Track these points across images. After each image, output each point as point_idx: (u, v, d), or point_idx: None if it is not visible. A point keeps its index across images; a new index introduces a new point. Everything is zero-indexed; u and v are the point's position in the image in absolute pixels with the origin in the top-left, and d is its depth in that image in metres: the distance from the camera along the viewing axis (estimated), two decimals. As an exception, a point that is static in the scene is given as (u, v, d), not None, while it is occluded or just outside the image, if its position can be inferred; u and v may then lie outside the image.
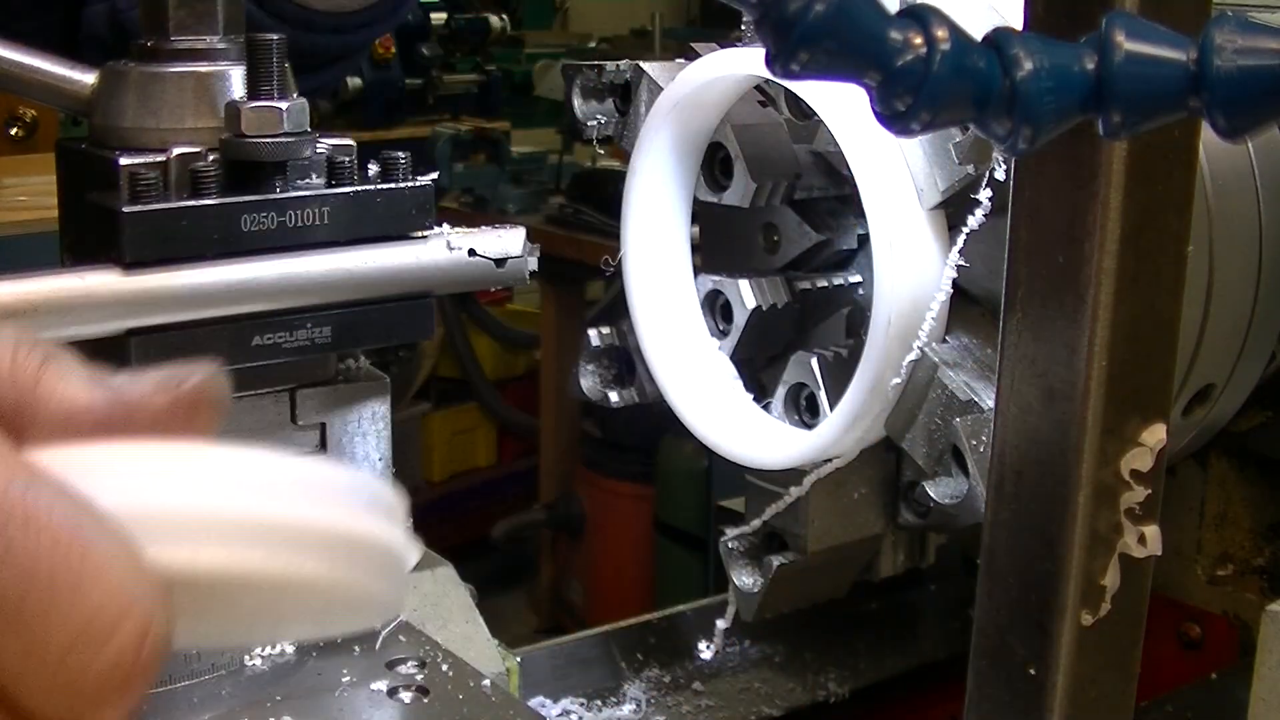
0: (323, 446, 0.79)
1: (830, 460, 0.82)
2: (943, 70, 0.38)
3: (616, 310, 0.92)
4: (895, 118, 0.40)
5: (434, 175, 0.79)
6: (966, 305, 0.78)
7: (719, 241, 0.92)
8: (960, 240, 0.74)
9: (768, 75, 0.70)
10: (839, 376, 0.82)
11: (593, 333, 0.92)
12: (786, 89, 0.86)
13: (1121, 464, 0.53)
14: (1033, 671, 0.55)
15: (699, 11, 5.12)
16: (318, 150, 0.76)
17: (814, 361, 0.84)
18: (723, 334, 0.89)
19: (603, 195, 2.97)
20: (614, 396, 0.91)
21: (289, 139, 0.73)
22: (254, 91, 0.73)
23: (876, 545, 0.89)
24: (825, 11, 0.37)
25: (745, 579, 0.87)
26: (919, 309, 0.76)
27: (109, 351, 0.69)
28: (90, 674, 0.32)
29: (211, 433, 0.40)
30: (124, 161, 0.74)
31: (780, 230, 0.89)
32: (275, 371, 0.76)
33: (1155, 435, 0.54)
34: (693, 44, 0.86)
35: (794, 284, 0.87)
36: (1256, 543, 1.04)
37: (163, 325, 0.70)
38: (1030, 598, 0.55)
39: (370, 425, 0.80)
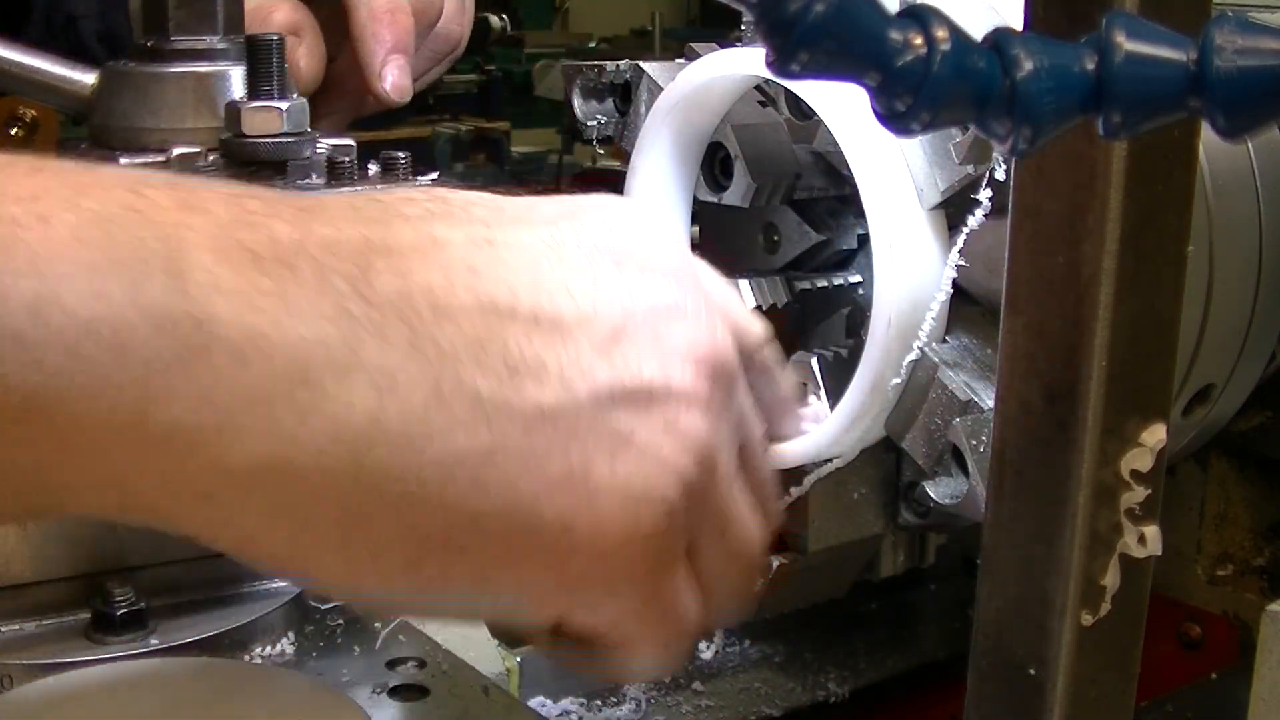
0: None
1: (830, 460, 0.82)
2: (943, 70, 0.38)
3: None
4: (895, 118, 0.40)
5: (434, 175, 0.79)
6: (966, 305, 0.78)
7: (719, 241, 0.92)
8: (960, 240, 0.74)
9: (768, 75, 0.70)
10: (839, 376, 0.82)
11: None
12: (786, 89, 0.86)
13: (1121, 464, 0.53)
14: (1033, 671, 0.55)
15: (699, 11, 5.12)
16: (318, 150, 0.76)
17: (814, 361, 0.84)
18: (723, 334, 0.89)
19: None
20: (614, 396, 0.91)
21: (289, 139, 0.73)
22: (254, 91, 0.73)
23: (876, 545, 0.89)
24: (825, 11, 0.37)
25: (745, 579, 0.87)
26: (919, 309, 0.76)
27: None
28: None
29: None
30: (124, 161, 0.74)
31: (780, 230, 0.89)
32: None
33: (1155, 435, 0.54)
34: (693, 44, 0.86)
35: (794, 284, 0.87)
36: (1256, 543, 1.04)
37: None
38: (1030, 598, 0.55)
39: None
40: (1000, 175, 0.71)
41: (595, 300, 0.49)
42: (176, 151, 0.74)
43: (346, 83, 1.04)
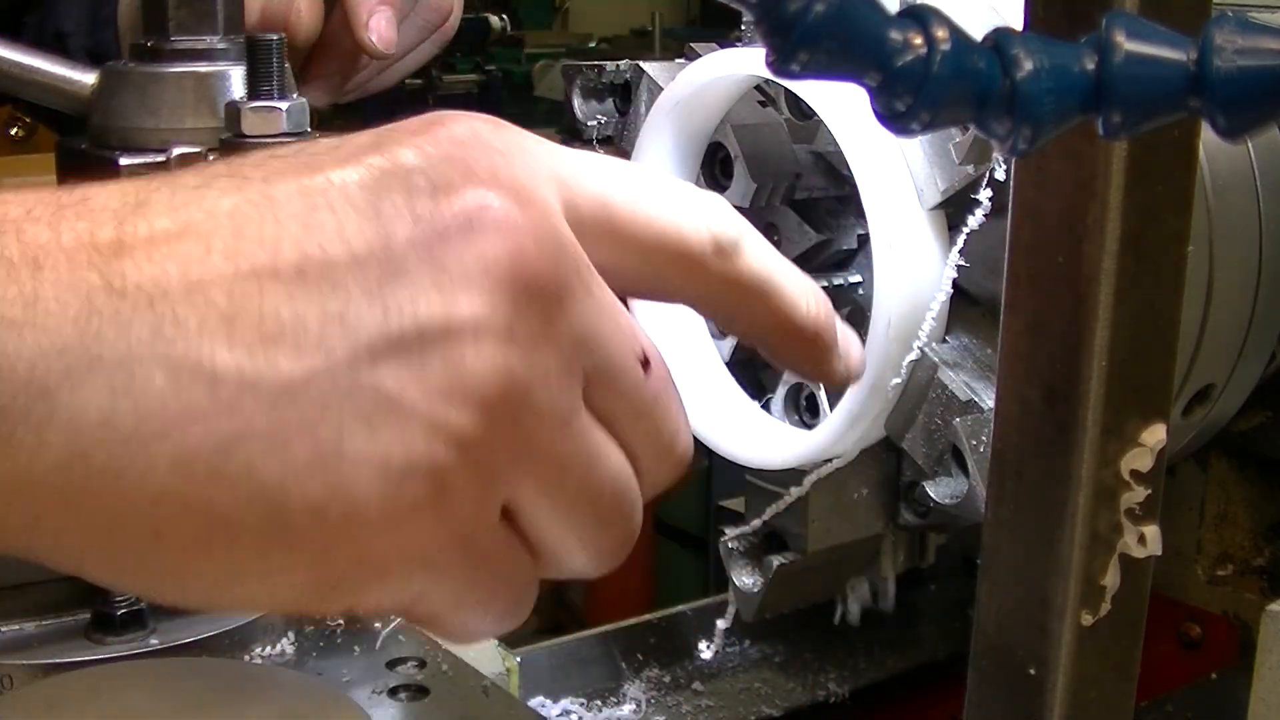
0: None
1: (830, 460, 0.82)
2: (943, 70, 0.38)
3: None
4: (895, 118, 0.40)
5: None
6: (966, 305, 0.78)
7: (719, 241, 0.92)
8: (960, 240, 0.74)
9: (768, 75, 0.70)
10: (839, 376, 0.82)
11: (593, 333, 0.91)
12: (786, 89, 0.86)
13: (1121, 464, 0.53)
14: (1033, 671, 0.55)
15: (699, 11, 5.12)
16: (317, 150, 0.76)
17: (814, 361, 0.84)
18: (723, 334, 0.89)
19: (603, 195, 2.96)
20: (614, 396, 0.91)
21: (289, 139, 0.73)
22: (254, 91, 0.73)
23: (876, 545, 0.89)
24: (825, 11, 0.37)
25: (745, 579, 0.87)
26: (919, 309, 0.76)
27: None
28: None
29: None
30: (124, 161, 0.74)
31: (780, 230, 0.89)
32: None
33: (1155, 435, 0.54)
34: (693, 44, 0.86)
35: (794, 284, 0.87)
36: (1256, 543, 1.04)
37: (163, 325, 0.70)
38: (1030, 598, 0.55)
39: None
40: (1000, 175, 0.71)
41: (371, 237, 0.43)
42: (176, 152, 0.74)
43: (337, 43, 1.05)
